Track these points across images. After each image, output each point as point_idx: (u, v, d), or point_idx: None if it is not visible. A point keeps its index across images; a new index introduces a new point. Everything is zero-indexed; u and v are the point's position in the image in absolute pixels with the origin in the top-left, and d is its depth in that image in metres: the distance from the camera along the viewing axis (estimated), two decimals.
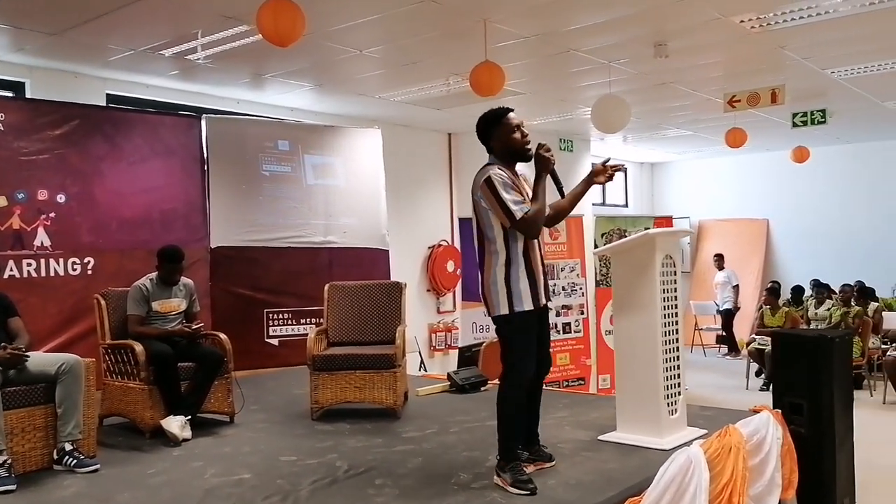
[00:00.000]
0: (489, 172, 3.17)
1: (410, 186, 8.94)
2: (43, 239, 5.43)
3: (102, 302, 4.62)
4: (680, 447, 3.44)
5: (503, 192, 3.12)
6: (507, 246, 3.20)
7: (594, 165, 3.60)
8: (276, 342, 6.55)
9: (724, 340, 11.54)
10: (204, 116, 6.47)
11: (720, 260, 11.89)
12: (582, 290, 7.54)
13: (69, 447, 3.70)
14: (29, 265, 5.35)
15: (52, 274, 5.45)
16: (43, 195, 5.45)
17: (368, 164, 7.22)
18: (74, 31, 5.14)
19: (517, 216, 3.12)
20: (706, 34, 5.66)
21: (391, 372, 4.59)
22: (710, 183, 13.22)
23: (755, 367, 9.09)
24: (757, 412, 4.07)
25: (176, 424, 4.15)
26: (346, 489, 3.29)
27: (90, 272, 5.62)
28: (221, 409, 4.59)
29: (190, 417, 4.27)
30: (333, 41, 5.54)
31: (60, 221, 5.51)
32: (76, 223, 5.61)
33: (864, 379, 8.26)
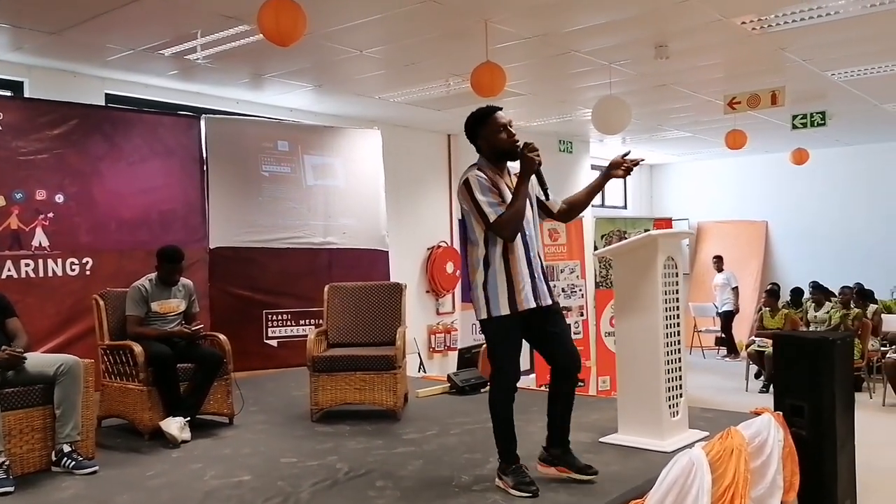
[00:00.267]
0: (468, 175, 3.16)
1: (410, 187, 8.93)
2: (41, 239, 5.41)
3: (101, 302, 4.60)
4: (682, 449, 3.42)
5: (479, 194, 3.10)
6: (486, 249, 3.17)
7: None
8: (274, 343, 6.53)
9: (723, 342, 11.54)
10: (203, 116, 6.45)
11: (719, 262, 11.89)
12: (581, 291, 7.53)
13: (68, 448, 3.67)
14: (27, 265, 5.32)
15: (50, 274, 5.42)
16: (41, 195, 5.42)
17: (368, 164, 7.21)
18: (73, 30, 5.12)
19: (490, 219, 3.09)
20: (707, 35, 5.66)
21: (391, 373, 4.58)
22: (709, 185, 13.22)
23: (754, 368, 9.09)
24: (758, 414, 4.07)
25: (175, 426, 4.13)
26: (346, 491, 3.27)
27: (89, 273, 5.60)
28: (221, 410, 4.57)
29: (189, 419, 4.25)
30: (333, 41, 5.52)
31: (59, 222, 5.49)
32: (75, 223, 5.59)
33: (863, 381, 8.25)
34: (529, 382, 6.79)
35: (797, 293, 9.52)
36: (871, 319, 8.70)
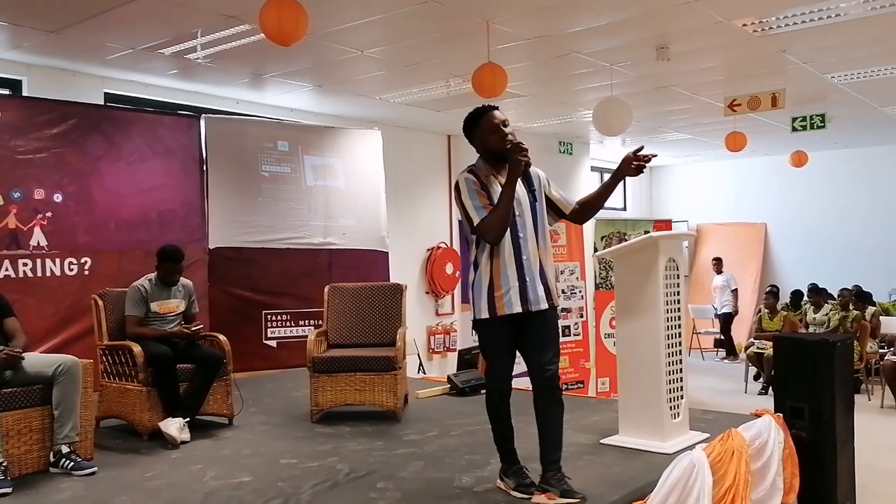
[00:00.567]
0: (459, 177, 3.14)
1: (409, 188, 8.92)
2: (39, 239, 5.39)
3: (100, 302, 4.58)
4: (683, 451, 3.42)
5: (465, 197, 3.07)
6: (477, 251, 3.15)
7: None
8: (274, 344, 6.51)
9: (722, 344, 11.54)
10: (203, 116, 6.43)
11: (718, 264, 11.89)
12: (581, 293, 7.52)
13: (66, 449, 3.65)
14: (25, 265, 5.30)
15: (48, 274, 5.41)
16: (39, 194, 5.40)
17: (368, 165, 7.20)
18: (73, 28, 5.10)
19: (474, 222, 3.05)
20: (708, 37, 5.66)
21: (392, 374, 4.57)
22: (708, 187, 13.23)
23: (753, 370, 9.09)
24: (759, 416, 4.06)
25: (174, 426, 4.10)
26: (347, 492, 3.26)
27: (87, 272, 5.58)
28: (220, 411, 4.56)
29: (189, 420, 4.22)
30: (334, 41, 5.51)
31: (57, 221, 5.47)
32: (73, 223, 5.57)
33: (862, 383, 8.25)
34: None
35: (797, 295, 9.53)
36: (869, 321, 8.70)
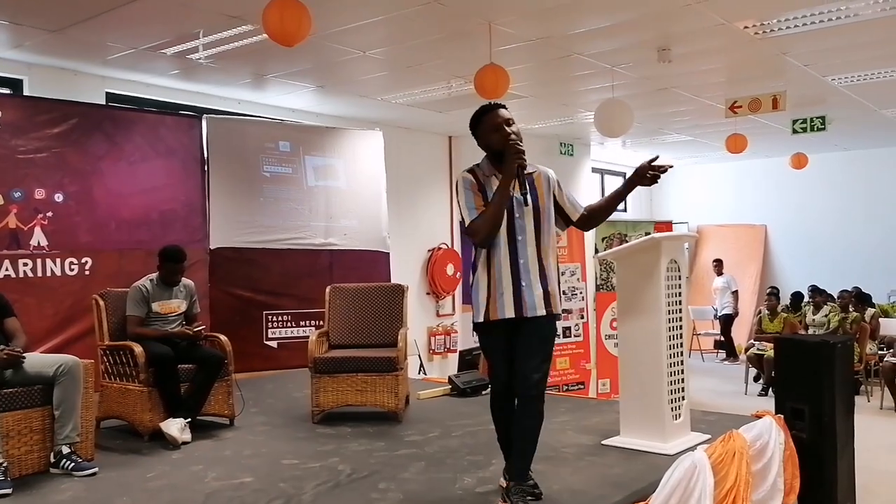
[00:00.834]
0: (459, 175, 3.09)
1: (410, 189, 8.92)
2: (40, 238, 5.38)
3: (101, 302, 4.56)
4: (684, 452, 3.42)
5: (462, 196, 3.02)
6: (476, 252, 3.09)
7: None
8: (274, 344, 6.51)
9: (722, 345, 11.54)
10: (204, 116, 6.43)
11: (719, 265, 11.89)
12: (582, 294, 7.52)
13: (67, 450, 3.63)
14: (25, 265, 5.29)
15: (48, 274, 5.40)
16: (40, 194, 5.39)
17: (369, 166, 7.20)
18: (75, 28, 5.10)
19: (466, 222, 3.00)
20: (709, 39, 5.66)
21: (393, 375, 4.56)
22: (708, 188, 13.24)
23: (753, 372, 9.09)
24: (759, 417, 4.06)
25: (175, 427, 4.10)
26: (349, 493, 3.25)
27: (88, 272, 5.57)
28: (221, 411, 4.55)
29: (190, 420, 4.22)
30: (336, 42, 5.51)
31: (58, 221, 5.46)
32: (74, 223, 5.56)
33: (861, 384, 8.26)
34: None
35: (797, 297, 9.54)
36: (868, 323, 8.71)
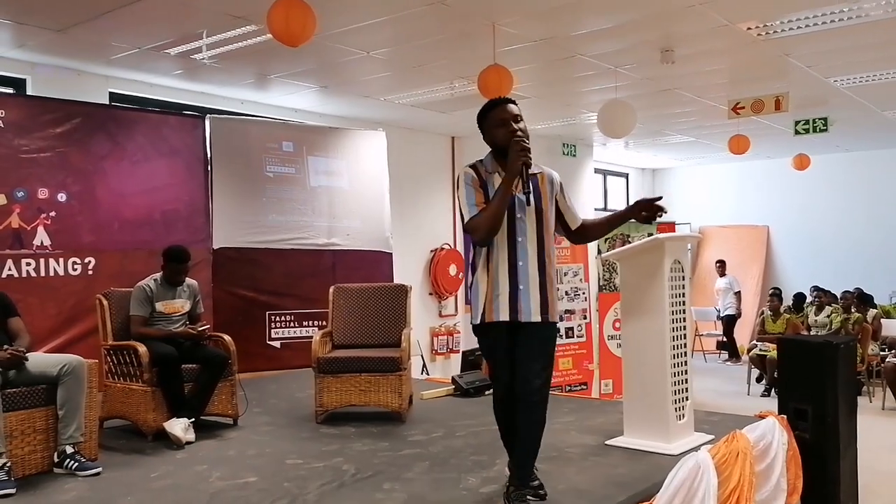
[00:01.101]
0: (461, 171, 3.01)
1: (413, 189, 8.91)
2: (43, 238, 5.38)
3: (105, 302, 4.55)
4: (688, 452, 3.42)
5: (462, 192, 2.94)
6: (475, 252, 3.00)
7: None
8: (277, 344, 6.51)
9: (724, 346, 11.53)
10: (208, 116, 6.43)
11: (722, 266, 11.88)
12: (585, 294, 7.51)
13: (70, 450, 3.63)
14: (28, 265, 5.29)
15: (51, 274, 5.40)
16: (43, 194, 5.39)
17: (372, 166, 7.20)
18: (78, 27, 5.10)
19: (465, 219, 2.93)
20: (712, 41, 5.66)
21: (397, 375, 4.56)
22: (711, 189, 13.23)
23: (756, 372, 9.09)
24: (763, 418, 4.06)
25: (179, 427, 4.09)
26: (354, 493, 3.25)
27: (91, 272, 5.57)
28: (225, 411, 4.55)
29: (193, 420, 4.22)
30: (340, 42, 5.51)
31: (61, 221, 5.46)
32: (77, 223, 5.56)
33: (863, 385, 8.26)
34: None
35: (799, 298, 9.54)
36: (870, 324, 8.71)
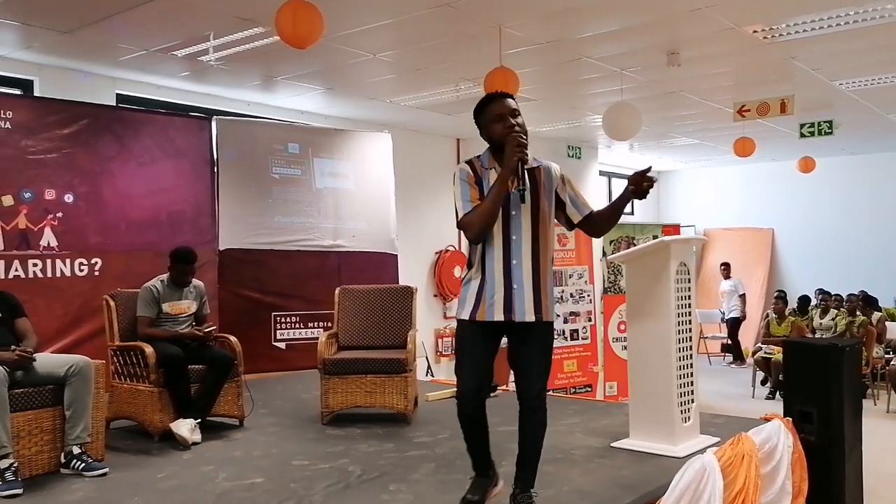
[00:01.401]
0: (456, 167, 2.93)
1: (418, 191, 8.91)
2: (49, 239, 5.39)
3: (112, 303, 4.57)
4: (693, 455, 3.43)
5: (457, 189, 2.88)
6: (471, 249, 2.95)
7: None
8: (283, 346, 6.51)
9: (729, 349, 11.52)
10: (214, 118, 6.44)
11: (727, 269, 11.87)
12: (590, 296, 7.51)
13: (77, 450, 3.64)
14: (35, 265, 5.29)
15: (58, 274, 5.40)
16: (50, 195, 5.40)
17: (378, 168, 7.20)
18: (85, 29, 5.12)
19: (458, 216, 2.87)
20: (718, 43, 5.67)
21: (402, 376, 4.56)
22: (715, 192, 13.24)
23: (761, 375, 9.08)
24: (768, 420, 4.06)
25: (185, 427, 4.10)
26: (360, 494, 3.26)
27: (97, 273, 5.57)
28: (231, 412, 4.56)
29: (200, 420, 4.22)
30: (346, 44, 5.53)
31: (68, 221, 5.47)
32: (84, 223, 5.56)
33: (867, 388, 8.24)
34: None
35: (804, 301, 9.52)
36: (875, 327, 8.70)
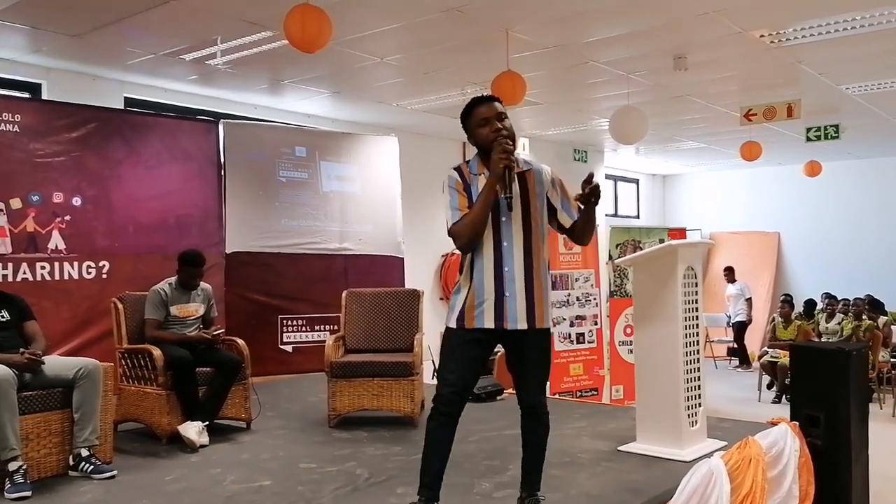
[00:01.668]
0: (446, 174, 2.88)
1: (424, 194, 8.90)
2: (57, 242, 5.40)
3: (120, 306, 4.58)
4: (701, 458, 3.42)
5: (446, 196, 2.83)
6: (464, 255, 2.89)
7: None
8: (289, 349, 6.52)
9: (735, 353, 11.49)
10: (221, 121, 6.45)
11: (730, 273, 11.84)
12: (596, 300, 7.50)
13: (86, 453, 3.64)
14: (43, 268, 5.31)
15: (66, 277, 5.42)
16: (58, 198, 5.41)
17: (385, 171, 7.21)
18: (94, 33, 5.15)
19: (447, 224, 2.81)
20: (725, 48, 5.67)
21: (409, 380, 4.57)
22: (721, 195, 13.22)
23: (767, 379, 9.06)
24: (775, 424, 4.05)
25: (193, 430, 4.11)
26: (367, 497, 3.27)
27: (105, 276, 5.58)
28: (238, 415, 4.57)
29: (207, 423, 4.24)
30: (354, 48, 5.54)
31: (76, 225, 5.48)
32: (92, 227, 5.58)
33: (873, 392, 8.22)
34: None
35: (810, 305, 9.50)
36: (881, 331, 8.68)
